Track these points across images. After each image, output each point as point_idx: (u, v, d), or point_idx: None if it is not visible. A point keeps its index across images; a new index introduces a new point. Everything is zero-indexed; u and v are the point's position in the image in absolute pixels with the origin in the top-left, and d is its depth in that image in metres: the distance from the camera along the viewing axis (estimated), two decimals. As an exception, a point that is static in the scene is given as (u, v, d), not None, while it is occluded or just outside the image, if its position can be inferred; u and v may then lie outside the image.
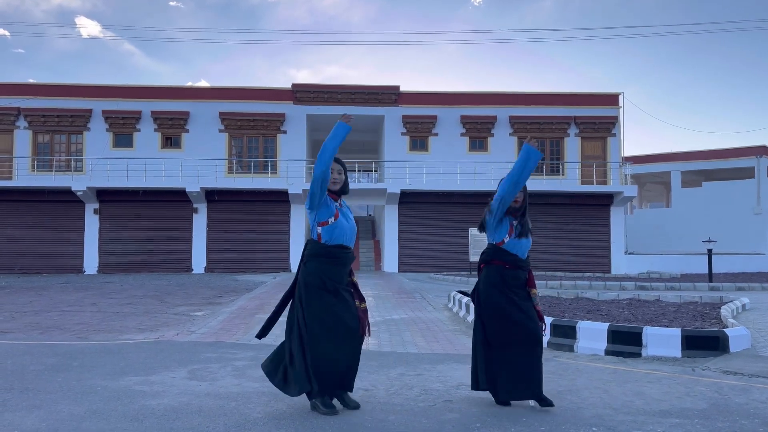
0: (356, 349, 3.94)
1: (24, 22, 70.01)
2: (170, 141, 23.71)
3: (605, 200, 23.37)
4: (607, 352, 6.06)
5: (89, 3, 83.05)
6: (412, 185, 22.74)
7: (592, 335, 6.24)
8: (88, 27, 73.45)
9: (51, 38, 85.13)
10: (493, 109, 24.28)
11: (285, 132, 23.87)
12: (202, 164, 22.89)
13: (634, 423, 3.71)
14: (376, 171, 28.99)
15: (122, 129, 23.49)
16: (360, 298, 4.06)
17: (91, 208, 22.72)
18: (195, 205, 22.84)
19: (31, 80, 28.73)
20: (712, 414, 3.91)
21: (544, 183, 22.81)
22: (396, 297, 12.43)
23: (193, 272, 22.42)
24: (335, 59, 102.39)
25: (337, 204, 4.02)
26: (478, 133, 24.24)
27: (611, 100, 24.78)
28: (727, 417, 3.85)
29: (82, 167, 23.32)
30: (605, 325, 6.25)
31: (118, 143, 23.52)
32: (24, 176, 22.87)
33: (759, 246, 27.57)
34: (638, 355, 5.92)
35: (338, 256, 3.95)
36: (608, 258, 23.45)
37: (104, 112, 23.31)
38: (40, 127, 23.44)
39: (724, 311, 8.04)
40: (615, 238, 23.51)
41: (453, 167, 23.11)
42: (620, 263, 23.34)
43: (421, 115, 24.06)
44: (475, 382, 4.19)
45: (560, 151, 24.48)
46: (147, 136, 23.49)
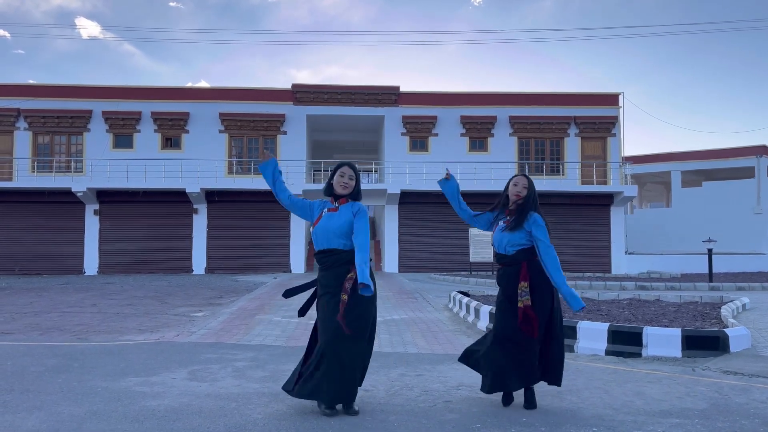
0: (349, 355, 3.80)
1: (24, 23, 70.05)
2: (170, 142, 23.72)
3: (605, 200, 23.38)
4: (608, 352, 6.06)
5: (89, 4, 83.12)
6: (412, 185, 22.74)
7: (592, 335, 6.25)
8: (88, 28, 73.52)
9: (51, 39, 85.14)
10: (493, 110, 24.28)
11: (285, 132, 23.88)
12: (203, 165, 22.90)
13: (635, 423, 3.71)
14: (376, 171, 29.00)
15: (122, 130, 23.51)
16: (344, 290, 3.85)
17: (91, 209, 22.73)
18: (195, 206, 22.85)
19: (31, 81, 28.76)
20: (713, 414, 3.92)
21: (545, 183, 22.80)
22: (396, 297, 12.44)
23: (194, 273, 22.43)
24: (335, 59, 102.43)
25: (330, 205, 4.05)
26: (478, 133, 24.25)
27: (611, 100, 24.79)
28: (728, 417, 3.85)
29: (82, 168, 23.33)
30: (605, 325, 6.25)
31: (118, 144, 23.53)
32: (24, 177, 22.88)
33: (759, 246, 27.57)
34: (638, 355, 5.93)
35: (319, 261, 4.01)
36: (608, 258, 23.46)
37: (104, 112, 23.32)
38: (40, 128, 23.45)
39: (725, 311, 8.03)
40: (615, 238, 23.52)
41: (453, 167, 23.04)
42: (620, 263, 23.34)
43: (421, 115, 24.06)
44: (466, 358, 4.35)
45: (560, 151, 24.49)
46: (147, 136, 23.50)
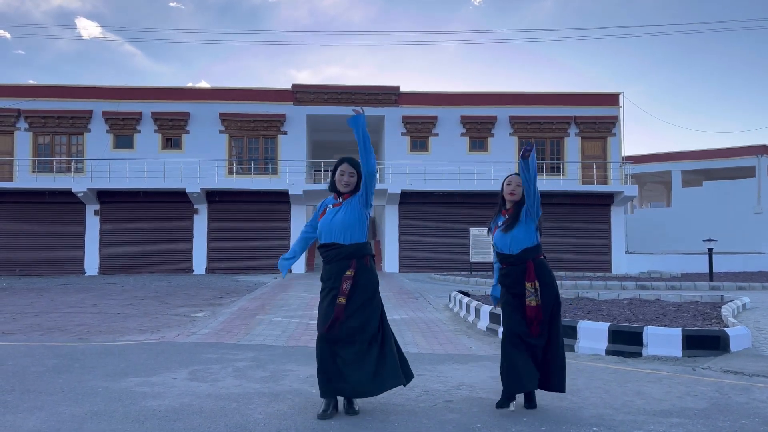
0: (347, 353, 3.77)
1: (24, 24, 70.05)
2: (171, 142, 23.72)
3: (606, 200, 23.37)
4: (608, 352, 6.06)
5: (89, 4, 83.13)
6: (413, 185, 22.74)
7: (592, 335, 6.25)
8: (89, 28, 73.53)
9: (51, 39, 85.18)
10: (493, 109, 24.28)
11: (285, 133, 23.88)
12: (203, 165, 22.91)
13: (635, 423, 3.71)
14: (376, 171, 29.00)
15: (123, 130, 23.51)
16: (342, 293, 3.84)
17: (91, 209, 22.74)
18: (195, 206, 22.85)
19: (31, 81, 28.77)
20: (713, 413, 3.92)
21: (545, 183, 22.79)
22: (397, 297, 12.44)
23: (194, 273, 22.44)
24: (336, 60, 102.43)
25: (333, 201, 4.04)
26: (478, 133, 24.24)
27: (611, 99, 24.77)
28: (728, 416, 3.85)
29: (82, 168, 23.33)
30: (606, 325, 6.25)
31: (118, 144, 23.54)
32: (24, 178, 22.89)
33: (759, 245, 27.57)
34: (639, 354, 5.92)
35: (322, 255, 4.03)
36: (609, 258, 23.45)
37: (104, 113, 23.33)
38: (40, 128, 23.46)
39: (725, 311, 8.02)
40: (615, 237, 23.51)
41: (453, 167, 23.11)
42: (621, 263, 23.34)
43: (421, 115, 24.06)
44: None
45: (560, 151, 24.48)
46: (147, 137, 23.51)
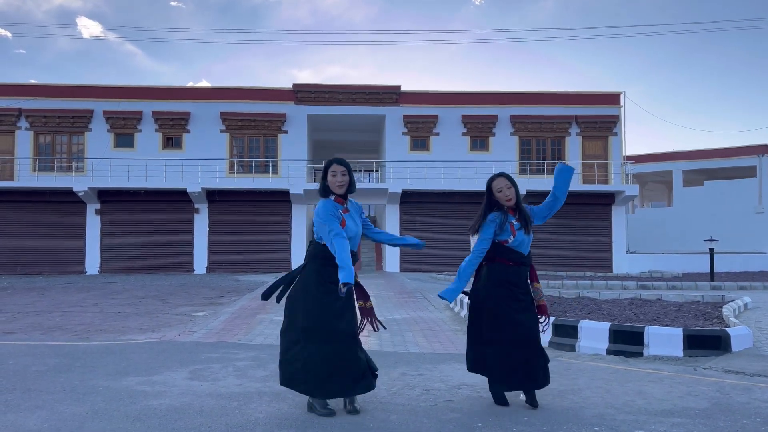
0: (346, 352, 3.81)
1: (25, 23, 70.09)
2: (171, 141, 23.72)
3: (607, 199, 23.36)
4: (609, 352, 6.06)
5: (90, 3, 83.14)
6: (413, 185, 22.74)
7: (593, 335, 6.24)
8: (90, 27, 73.54)
9: (52, 39, 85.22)
10: (494, 109, 24.26)
11: (286, 132, 23.87)
12: (204, 164, 22.91)
13: (636, 422, 3.71)
14: (377, 171, 29.01)
15: (123, 129, 23.52)
16: (365, 297, 4.01)
17: (92, 208, 22.75)
18: (196, 206, 22.86)
19: (32, 81, 28.79)
20: (714, 413, 3.91)
21: (545, 182, 22.77)
22: (397, 297, 12.43)
23: (195, 272, 22.44)
24: (337, 59, 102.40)
25: (342, 208, 3.97)
26: (479, 132, 24.23)
27: (612, 99, 24.74)
28: (729, 416, 3.84)
29: (83, 168, 23.34)
30: (607, 325, 6.24)
31: (119, 144, 23.54)
32: (25, 177, 22.90)
33: (761, 245, 27.55)
34: (640, 354, 5.92)
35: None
36: (610, 257, 23.44)
37: (105, 112, 23.33)
38: (41, 127, 23.47)
39: (726, 310, 8.01)
40: (616, 237, 23.50)
41: (454, 167, 23.10)
42: (622, 262, 23.33)
43: (422, 114, 24.05)
44: (469, 364, 4.37)
45: (561, 150, 24.46)
46: (148, 136, 23.51)
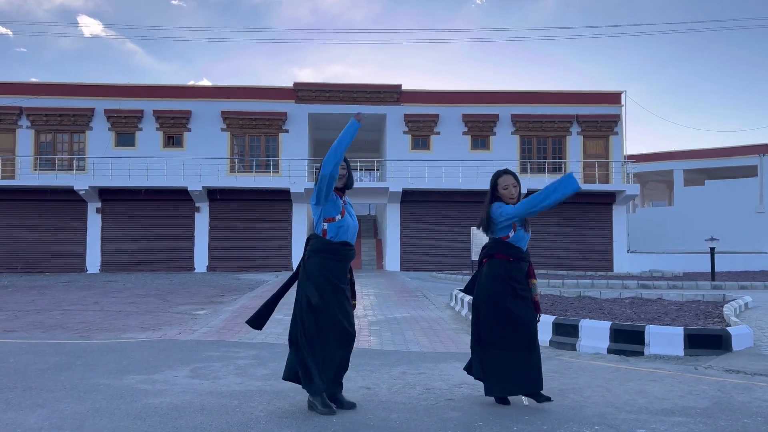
0: (348, 349, 3.97)
1: (26, 22, 70.10)
2: (172, 140, 23.73)
3: (607, 199, 23.35)
4: (610, 351, 6.06)
5: (91, 2, 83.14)
6: (414, 184, 22.73)
7: (594, 334, 6.24)
8: (91, 26, 73.54)
9: (53, 37, 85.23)
10: (495, 108, 24.24)
11: (287, 131, 23.87)
12: (204, 163, 22.91)
13: (637, 421, 3.71)
14: (378, 170, 29.01)
15: (124, 128, 23.52)
16: (353, 295, 4.12)
17: (93, 207, 22.76)
18: (197, 204, 22.86)
19: (33, 79, 28.80)
20: (715, 412, 3.91)
21: (546, 181, 22.66)
22: (398, 296, 12.44)
23: (195, 271, 22.45)
24: (338, 58, 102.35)
25: (342, 201, 4.09)
26: (480, 131, 24.21)
27: (613, 98, 24.72)
28: (730, 415, 3.84)
29: (84, 166, 23.34)
30: (608, 324, 6.24)
31: (120, 142, 23.54)
32: (26, 175, 22.91)
33: (761, 244, 27.53)
34: (641, 353, 5.92)
35: (342, 253, 4.01)
36: (610, 257, 23.43)
37: (106, 111, 23.33)
38: (42, 126, 23.47)
39: (727, 310, 8.01)
40: (617, 236, 23.49)
41: (455, 166, 23.10)
42: (622, 262, 23.32)
43: (422, 113, 24.03)
44: (469, 368, 4.32)
45: (562, 149, 24.44)
46: (149, 135, 23.51)
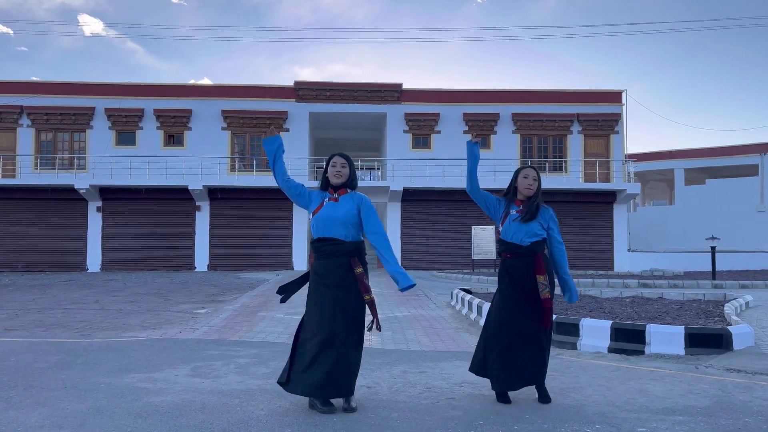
0: (341, 352, 3.74)
1: (27, 20, 70.13)
2: (173, 139, 23.73)
3: (608, 198, 23.34)
4: (611, 350, 6.06)
5: (92, 1, 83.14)
6: (415, 183, 22.72)
7: (595, 333, 6.24)
8: (91, 25, 73.56)
9: (54, 36, 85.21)
10: (495, 107, 24.23)
11: (287, 130, 23.87)
12: (205, 162, 22.91)
13: (637, 420, 3.70)
14: (378, 169, 28.99)
15: (125, 127, 23.53)
16: (365, 290, 3.86)
17: (94, 206, 22.77)
18: (198, 203, 22.87)
19: (34, 78, 28.81)
20: (716, 411, 3.91)
21: (547, 180, 22.67)
22: (399, 295, 12.43)
23: (196, 270, 22.46)
24: (339, 57, 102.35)
25: (330, 196, 3.98)
26: (480, 130, 24.18)
27: (614, 97, 24.70)
28: (731, 414, 3.84)
29: (85, 165, 23.35)
30: (608, 323, 6.24)
31: (120, 141, 23.55)
32: (27, 174, 22.92)
33: (762, 243, 27.53)
34: (641, 352, 5.92)
35: (317, 250, 3.93)
36: (611, 256, 23.42)
37: (107, 110, 23.33)
38: (43, 125, 23.48)
39: (728, 309, 8.00)
40: (618, 235, 23.48)
41: (456, 165, 23.08)
42: (623, 261, 23.31)
43: (423, 112, 24.02)
44: (473, 365, 4.30)
45: (563, 148, 24.43)
46: (150, 134, 23.52)
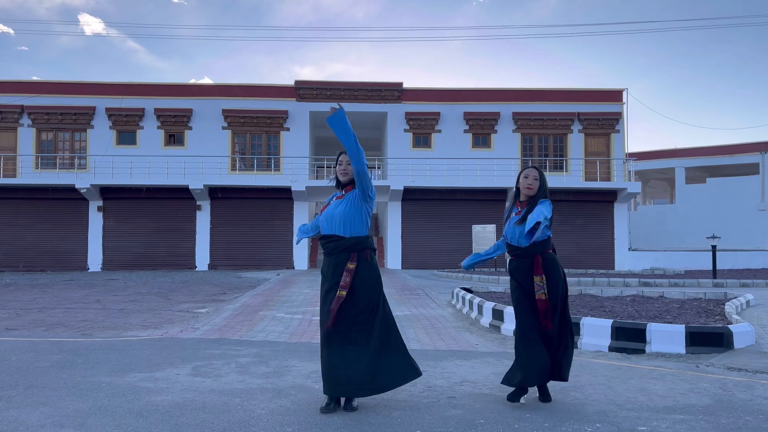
0: (353, 353, 3.74)
1: (27, 20, 70.15)
2: (173, 138, 23.74)
3: (609, 197, 23.33)
4: (611, 349, 6.06)
5: (92, 0, 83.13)
6: (415, 182, 22.72)
7: (595, 332, 6.24)
8: (92, 24, 73.56)
9: (54, 36, 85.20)
10: (496, 106, 24.22)
11: (288, 129, 23.87)
12: (206, 161, 22.92)
13: (638, 419, 3.70)
14: (379, 168, 28.98)
15: (125, 126, 23.54)
16: (344, 285, 3.79)
17: (94, 205, 22.79)
18: (198, 203, 22.88)
19: (34, 78, 28.80)
20: (717, 410, 3.91)
21: (548, 179, 22.70)
22: (399, 294, 12.44)
23: (197, 269, 22.47)
24: (339, 56, 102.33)
25: (338, 194, 4.03)
26: (481, 129, 24.19)
27: (615, 96, 24.68)
28: (732, 413, 3.84)
29: (85, 165, 23.37)
30: (609, 322, 6.24)
31: (121, 141, 23.57)
32: (28, 174, 22.95)
33: (763, 242, 27.51)
34: (642, 351, 5.91)
35: (324, 246, 4.01)
36: (612, 254, 23.42)
37: (108, 109, 23.35)
38: (43, 124, 23.49)
39: (729, 307, 7.99)
40: (619, 234, 23.48)
41: (456, 164, 23.09)
42: (624, 260, 23.31)
43: (424, 111, 24.02)
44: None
45: (564, 147, 24.42)
46: (150, 133, 23.53)
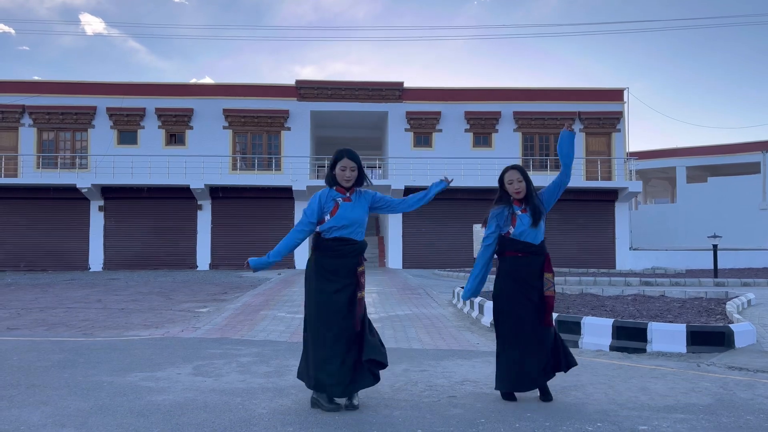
0: (350, 349, 3.82)
1: (28, 20, 70.18)
2: (174, 138, 23.75)
3: (610, 196, 23.32)
4: (612, 348, 6.05)
5: (93, 0, 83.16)
6: (416, 182, 22.68)
7: (596, 331, 6.24)
8: (93, 24, 73.59)
9: (55, 35, 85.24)
10: (497, 105, 24.21)
11: (289, 129, 23.88)
12: (207, 161, 22.92)
13: (639, 418, 3.70)
14: (380, 167, 28.99)
15: (127, 126, 23.55)
16: (360, 287, 3.93)
17: (95, 205, 22.80)
18: (199, 202, 22.89)
19: (35, 77, 28.82)
20: (718, 409, 3.91)
21: (549, 179, 22.69)
22: (400, 293, 12.44)
23: (198, 269, 22.48)
24: (340, 56, 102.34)
25: (343, 196, 3.99)
26: (482, 128, 24.18)
27: (616, 95, 24.66)
28: (733, 412, 3.84)
29: (86, 164, 23.38)
30: (610, 321, 6.24)
31: (122, 140, 23.57)
32: (29, 174, 22.96)
33: (764, 241, 27.48)
34: (643, 350, 5.91)
35: (334, 249, 3.95)
36: (613, 254, 23.41)
37: (109, 109, 23.36)
38: (44, 124, 23.50)
39: (730, 307, 7.99)
40: (620, 233, 23.47)
41: (457, 163, 23.08)
42: (625, 259, 23.29)
43: (425, 111, 24.01)
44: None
45: (564, 146, 24.37)
46: (151, 133, 23.54)
